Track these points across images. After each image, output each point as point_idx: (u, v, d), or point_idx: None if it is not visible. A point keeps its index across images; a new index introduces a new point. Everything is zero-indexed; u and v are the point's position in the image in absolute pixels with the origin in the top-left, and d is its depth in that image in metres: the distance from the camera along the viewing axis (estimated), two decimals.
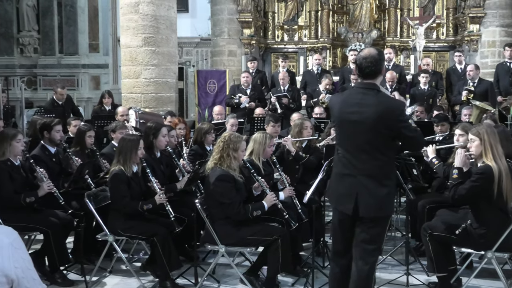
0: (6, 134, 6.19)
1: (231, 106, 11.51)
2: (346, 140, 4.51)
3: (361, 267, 4.48)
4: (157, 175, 6.36)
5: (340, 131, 4.61)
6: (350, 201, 4.41)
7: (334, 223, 4.75)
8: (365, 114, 4.32)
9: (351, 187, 4.43)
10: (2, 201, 5.91)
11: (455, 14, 16.74)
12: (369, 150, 4.37)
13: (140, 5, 11.20)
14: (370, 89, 4.42)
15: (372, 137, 4.34)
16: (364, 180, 4.37)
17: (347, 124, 4.46)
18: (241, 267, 6.31)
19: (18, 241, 2.52)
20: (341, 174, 4.53)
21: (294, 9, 17.67)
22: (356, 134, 4.38)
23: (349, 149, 4.46)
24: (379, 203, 4.40)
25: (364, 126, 4.33)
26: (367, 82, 4.44)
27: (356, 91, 4.50)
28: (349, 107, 4.43)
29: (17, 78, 18.29)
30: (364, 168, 4.38)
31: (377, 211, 4.42)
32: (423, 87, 11.28)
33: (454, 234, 5.38)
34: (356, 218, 4.47)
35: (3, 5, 18.46)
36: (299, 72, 15.47)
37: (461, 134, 6.27)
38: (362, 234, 4.47)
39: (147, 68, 11.39)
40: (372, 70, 4.40)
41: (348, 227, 4.55)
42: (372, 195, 4.37)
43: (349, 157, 4.45)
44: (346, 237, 4.59)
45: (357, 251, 4.52)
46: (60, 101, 11.72)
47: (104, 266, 6.39)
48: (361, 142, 4.37)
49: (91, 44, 18.72)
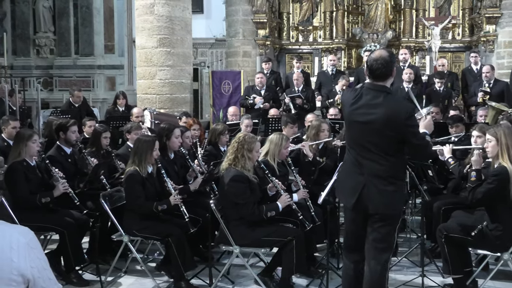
0: (22, 135, 6.23)
1: (245, 107, 11.51)
2: (354, 140, 4.54)
3: (374, 267, 4.51)
4: (170, 176, 6.37)
5: (349, 131, 4.63)
6: (353, 194, 4.47)
7: (346, 220, 4.79)
8: (374, 115, 4.34)
9: (357, 182, 4.47)
10: (18, 201, 5.95)
11: (471, 15, 16.65)
12: (376, 151, 4.39)
13: (155, 6, 11.23)
14: (380, 91, 4.42)
15: (380, 138, 4.37)
16: (372, 178, 4.41)
17: (355, 124, 4.49)
18: (255, 268, 6.31)
19: (34, 241, 2.53)
20: (349, 171, 4.57)
21: (309, 10, 17.67)
22: (364, 135, 4.42)
23: (357, 149, 4.49)
24: (386, 200, 4.42)
25: (372, 127, 4.35)
26: (378, 84, 4.45)
27: (367, 92, 4.49)
28: (358, 108, 4.46)
29: (33, 79, 18.40)
30: (371, 168, 4.41)
31: (385, 208, 4.44)
32: (438, 88, 11.22)
33: (470, 235, 5.36)
34: (366, 217, 4.50)
35: (19, 6, 18.59)
36: (314, 73, 15.45)
37: (478, 136, 6.24)
38: (373, 233, 4.50)
39: (162, 69, 11.41)
40: (382, 72, 4.41)
41: (360, 225, 4.58)
42: (379, 192, 4.40)
43: (356, 156, 4.49)
44: (358, 235, 4.62)
45: (369, 251, 4.55)
46: (76, 104, 11.79)
47: (119, 266, 6.41)
48: (369, 143, 4.40)
49: (106, 45, 18.80)
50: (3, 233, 2.47)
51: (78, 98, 11.81)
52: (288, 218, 6.04)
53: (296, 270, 5.66)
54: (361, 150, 4.46)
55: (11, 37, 18.61)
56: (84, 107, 12.03)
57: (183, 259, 5.78)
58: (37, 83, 16.88)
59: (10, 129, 7.75)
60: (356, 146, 4.50)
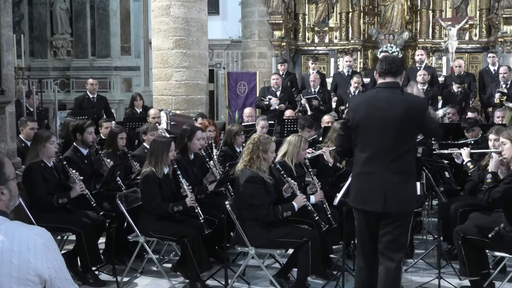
0: (40, 136, 6.27)
1: (261, 108, 11.52)
2: (372, 137, 4.52)
3: (388, 268, 4.53)
4: (189, 177, 6.40)
5: (366, 130, 4.57)
6: (379, 198, 4.46)
7: (359, 224, 4.74)
8: (393, 110, 4.42)
9: (378, 184, 4.46)
10: (35, 202, 5.99)
11: (488, 15, 16.51)
12: (397, 146, 4.44)
13: (171, 7, 11.26)
14: (395, 87, 4.54)
15: (400, 133, 4.43)
16: (391, 176, 4.43)
17: (375, 121, 4.49)
18: (271, 269, 6.31)
19: (51, 242, 2.55)
20: (365, 173, 4.56)
21: (325, 11, 17.60)
22: (384, 131, 4.44)
23: (376, 147, 4.49)
24: (404, 198, 4.50)
25: (392, 122, 4.41)
26: (390, 81, 4.55)
27: (382, 90, 4.58)
28: (377, 104, 4.51)
29: (50, 81, 18.49)
30: (391, 165, 4.43)
31: (403, 206, 4.50)
32: (455, 90, 11.16)
33: (487, 237, 5.33)
34: (379, 217, 4.52)
35: (37, 8, 18.70)
36: (330, 74, 15.42)
37: (495, 139, 6.20)
38: (387, 235, 4.52)
39: (178, 70, 11.44)
40: (393, 67, 4.55)
41: (375, 226, 4.58)
42: (399, 191, 4.45)
43: (375, 154, 4.49)
44: (373, 237, 4.62)
45: (382, 252, 4.56)
46: (92, 94, 11.91)
47: (135, 267, 6.44)
48: (389, 138, 4.44)
49: (123, 46, 18.86)
50: (21, 233, 2.50)
51: (92, 86, 12.07)
52: (304, 219, 6.04)
53: (311, 272, 5.65)
54: (381, 146, 4.46)
55: (29, 38, 18.71)
56: (101, 106, 12.11)
57: (198, 260, 5.79)
58: (54, 85, 17.02)
59: (28, 130, 7.80)
60: (375, 143, 4.49)
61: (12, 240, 2.46)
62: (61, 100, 16.74)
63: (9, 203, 2.64)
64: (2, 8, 5.93)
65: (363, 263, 4.74)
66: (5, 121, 6.13)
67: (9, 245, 2.45)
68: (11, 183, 2.64)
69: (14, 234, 2.48)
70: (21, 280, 2.44)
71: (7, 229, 2.50)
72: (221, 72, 18.07)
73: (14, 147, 6.46)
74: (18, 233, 2.49)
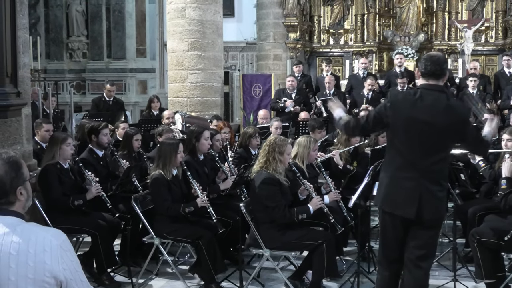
0: (56, 138, 6.30)
1: (276, 110, 11.51)
2: (412, 141, 4.34)
3: (418, 274, 4.42)
4: (200, 177, 6.41)
5: (405, 132, 4.37)
6: (412, 204, 4.32)
7: (385, 228, 4.58)
8: (438, 116, 4.26)
9: (413, 190, 4.33)
10: (51, 203, 6.02)
11: (505, 17, 16.40)
12: (437, 152, 4.33)
13: (186, 10, 11.30)
14: (439, 91, 4.36)
15: (440, 140, 4.32)
16: (426, 183, 4.31)
17: (416, 125, 4.30)
18: (285, 271, 6.30)
19: (66, 243, 2.56)
20: (399, 177, 4.40)
21: (340, 13, 17.57)
22: (425, 136, 4.29)
23: (415, 151, 4.33)
24: (438, 206, 4.40)
25: (435, 128, 4.26)
26: (434, 84, 4.36)
27: (427, 92, 4.35)
28: (422, 108, 4.31)
29: (66, 83, 18.63)
30: (429, 172, 4.32)
31: (437, 213, 4.42)
32: (471, 91, 11.10)
33: (503, 240, 5.29)
34: (410, 223, 4.39)
35: (53, 10, 18.85)
36: (345, 76, 15.38)
37: (508, 139, 6.17)
38: (416, 240, 4.40)
39: (193, 73, 11.48)
40: (437, 69, 4.35)
41: (402, 232, 4.45)
42: (433, 198, 4.34)
43: (413, 159, 4.34)
44: (400, 243, 4.48)
45: (411, 258, 4.44)
46: (108, 98, 11.98)
47: (150, 269, 6.46)
48: (431, 144, 4.31)
49: (138, 48, 18.96)
50: (36, 235, 2.51)
51: (109, 92, 12.23)
52: (319, 221, 6.02)
53: (326, 274, 5.63)
54: (420, 151, 4.32)
55: (45, 41, 18.88)
56: (117, 108, 12.17)
57: (213, 261, 5.79)
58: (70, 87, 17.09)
59: (43, 132, 7.81)
60: (414, 147, 4.33)
61: (28, 242, 2.47)
62: (76, 102, 16.86)
63: (26, 203, 2.65)
64: (18, 10, 5.96)
65: (388, 272, 4.61)
66: (21, 123, 6.16)
67: (25, 246, 2.46)
68: (28, 184, 2.66)
69: (29, 235, 2.49)
70: (37, 281, 2.45)
71: (23, 231, 2.51)
72: (236, 74, 18.08)
73: (30, 149, 6.49)
74: (34, 235, 2.50)
